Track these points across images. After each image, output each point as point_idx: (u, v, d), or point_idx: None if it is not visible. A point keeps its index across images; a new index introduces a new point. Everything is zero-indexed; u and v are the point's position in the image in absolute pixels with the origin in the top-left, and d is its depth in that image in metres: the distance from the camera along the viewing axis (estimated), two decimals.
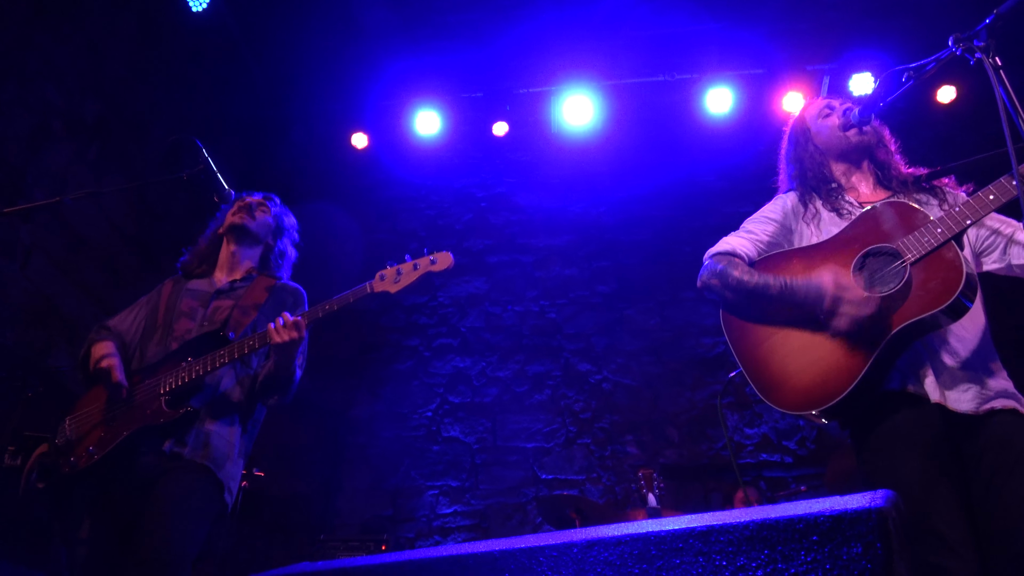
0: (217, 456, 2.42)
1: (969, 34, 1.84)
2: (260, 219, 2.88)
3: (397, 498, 5.72)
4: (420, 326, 6.38)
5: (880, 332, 1.91)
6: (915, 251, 1.93)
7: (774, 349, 2.12)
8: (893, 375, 1.96)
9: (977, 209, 1.90)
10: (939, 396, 1.89)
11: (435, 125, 6.21)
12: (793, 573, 0.74)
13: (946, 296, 1.82)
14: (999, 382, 1.96)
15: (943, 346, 1.96)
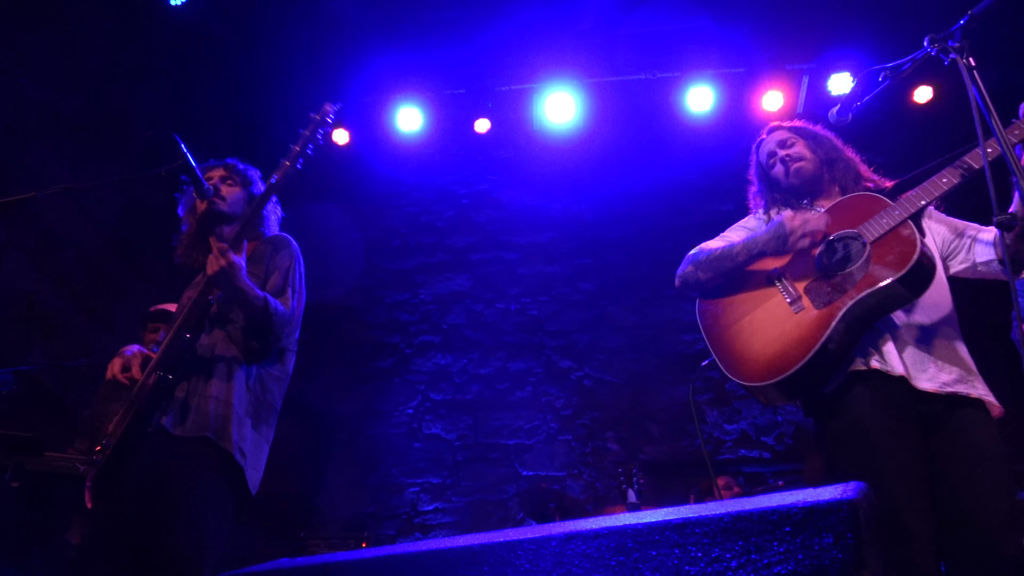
0: (214, 422, 2.31)
1: (944, 34, 1.87)
2: (231, 197, 2.83)
3: (379, 495, 5.71)
4: (402, 323, 6.37)
5: (839, 304, 1.99)
6: (875, 232, 2.03)
7: (741, 329, 2.22)
8: (858, 349, 2.01)
9: (931, 191, 1.99)
10: (903, 370, 1.94)
11: (417, 122, 6.19)
12: (766, 563, 0.76)
13: (901, 266, 1.90)
14: (962, 368, 2.01)
15: (907, 327, 2.03)
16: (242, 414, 2.40)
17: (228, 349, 2.46)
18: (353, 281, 6.53)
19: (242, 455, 2.35)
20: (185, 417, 2.31)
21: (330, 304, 6.32)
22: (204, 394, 2.36)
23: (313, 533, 5.22)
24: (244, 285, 2.35)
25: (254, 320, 2.40)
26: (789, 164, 2.42)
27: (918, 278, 1.94)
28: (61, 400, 4.73)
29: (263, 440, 2.49)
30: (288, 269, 2.63)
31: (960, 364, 2.02)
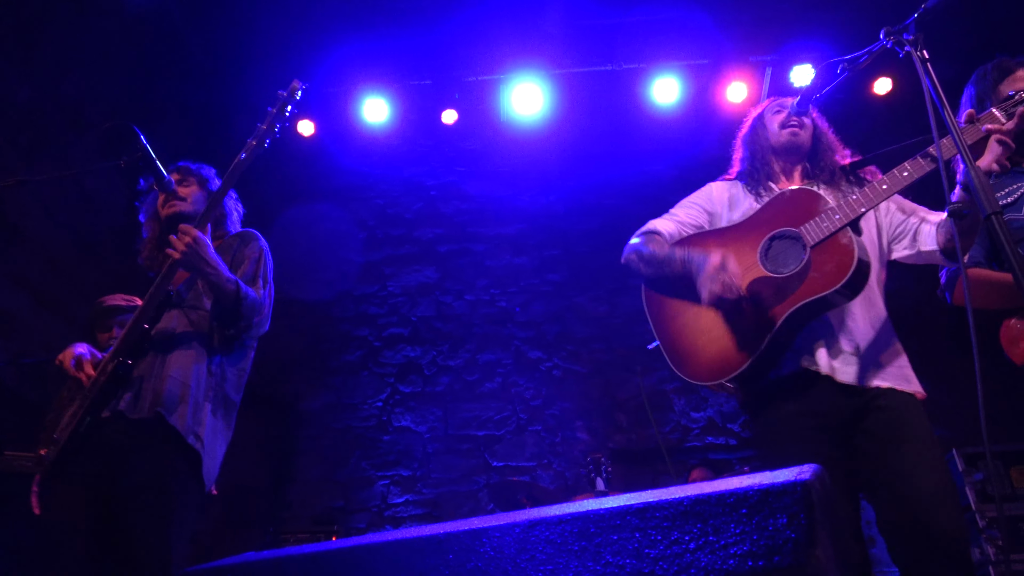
0: (168, 400, 2.27)
1: (899, 27, 1.91)
2: (190, 196, 2.78)
3: (348, 489, 5.69)
4: (370, 316, 6.34)
5: (779, 311, 2.03)
6: (814, 236, 2.06)
7: (686, 324, 2.25)
8: (790, 355, 2.09)
9: (872, 197, 2.02)
10: (829, 370, 2.03)
11: (383, 113, 6.14)
12: (723, 544, 0.78)
13: (839, 278, 1.96)
14: (891, 361, 2.10)
15: (837, 324, 2.10)
16: (200, 398, 2.36)
17: (188, 333, 2.43)
18: (320, 274, 6.48)
19: (198, 440, 2.30)
20: (140, 398, 2.28)
21: (297, 298, 6.26)
22: (161, 375, 2.32)
23: (283, 528, 5.19)
24: (214, 261, 2.32)
25: (224, 304, 2.36)
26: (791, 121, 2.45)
27: (855, 284, 2.00)
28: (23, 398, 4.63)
29: (220, 433, 2.44)
30: (258, 259, 2.60)
31: (887, 355, 2.10)
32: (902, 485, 1.92)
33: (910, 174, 2.00)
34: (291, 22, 5.78)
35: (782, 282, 2.07)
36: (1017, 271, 1.47)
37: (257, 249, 2.64)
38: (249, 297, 2.40)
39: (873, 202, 2.02)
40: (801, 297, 2.02)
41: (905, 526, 1.90)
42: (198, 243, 2.29)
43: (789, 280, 2.06)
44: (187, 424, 2.28)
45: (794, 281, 2.05)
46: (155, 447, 2.23)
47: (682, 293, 2.29)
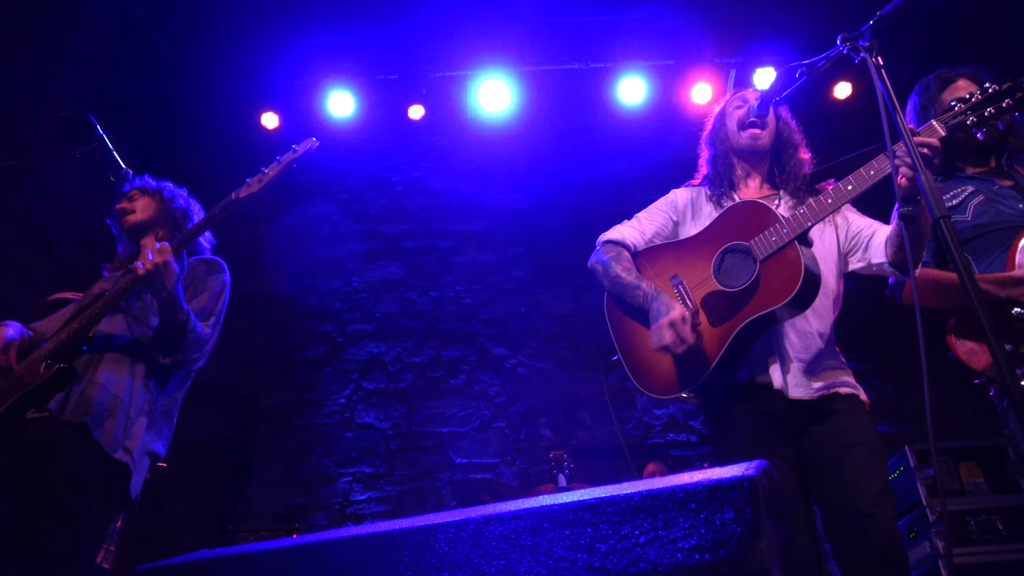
0: (96, 410, 2.21)
1: (855, 34, 1.95)
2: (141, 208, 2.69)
3: (310, 486, 5.64)
4: (334, 311, 6.28)
5: (731, 326, 2.08)
6: (764, 250, 2.09)
7: (645, 338, 2.26)
8: (744, 365, 2.15)
9: (818, 211, 2.06)
10: (781, 384, 2.09)
11: (349, 107, 6.08)
12: (672, 539, 0.79)
13: (786, 293, 2.00)
14: (834, 368, 2.17)
15: (789, 339, 2.16)
16: (133, 414, 2.31)
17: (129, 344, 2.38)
18: (283, 269, 6.40)
19: (127, 453, 2.25)
20: (69, 400, 2.22)
21: (259, 293, 6.18)
22: (92, 380, 2.27)
23: (242, 525, 5.12)
24: (174, 290, 2.26)
25: (170, 331, 2.31)
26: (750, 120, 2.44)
27: (804, 298, 2.05)
28: None
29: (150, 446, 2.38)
30: (219, 294, 2.55)
31: (832, 365, 2.18)
32: (848, 489, 2.00)
33: (854, 188, 2.05)
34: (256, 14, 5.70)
35: (734, 297, 2.11)
36: (962, 272, 1.52)
37: (220, 283, 2.59)
38: (196, 331, 2.35)
39: (819, 216, 2.06)
40: (751, 312, 2.06)
41: (848, 528, 1.98)
42: (168, 268, 2.24)
43: (740, 295, 2.10)
44: (114, 438, 2.23)
45: (745, 296, 2.09)
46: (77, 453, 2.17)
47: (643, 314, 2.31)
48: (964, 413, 4.97)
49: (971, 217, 2.39)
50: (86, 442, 2.19)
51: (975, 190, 2.43)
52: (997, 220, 2.35)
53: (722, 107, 2.61)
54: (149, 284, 2.26)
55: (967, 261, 1.52)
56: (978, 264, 2.37)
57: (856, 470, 2.01)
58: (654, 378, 2.25)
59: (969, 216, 2.39)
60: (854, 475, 2.01)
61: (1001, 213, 2.37)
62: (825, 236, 2.31)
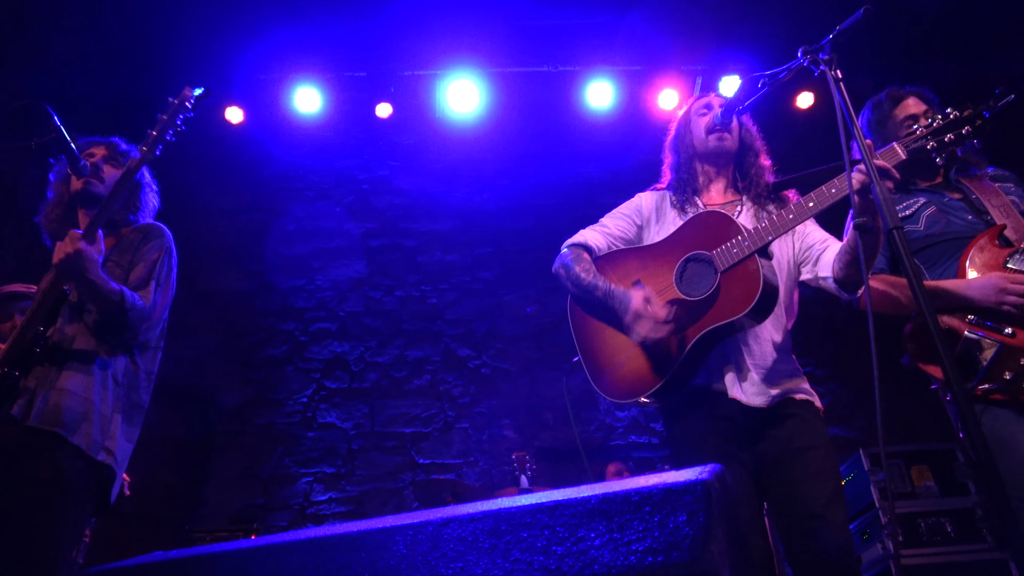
0: (68, 418, 2.13)
1: (815, 47, 1.99)
2: (110, 178, 2.60)
3: (270, 486, 5.57)
4: (297, 310, 6.21)
5: (690, 334, 2.12)
6: (725, 261, 2.13)
7: (605, 341, 2.31)
8: (702, 372, 2.19)
9: (779, 226, 2.11)
10: (737, 392, 2.14)
11: (315, 103, 6.03)
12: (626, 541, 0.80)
13: (745, 304, 2.04)
14: (791, 378, 2.21)
15: (746, 347, 2.20)
16: (108, 412, 2.24)
17: (89, 340, 2.29)
18: (245, 265, 6.31)
19: (109, 455, 2.19)
20: (31, 408, 2.13)
21: (220, 290, 6.09)
22: (55, 386, 2.18)
23: (199, 526, 5.04)
24: (95, 277, 2.17)
25: (107, 314, 2.24)
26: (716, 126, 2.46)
27: (762, 309, 2.10)
28: None
29: (128, 440, 2.33)
30: (155, 261, 2.44)
31: (788, 372, 2.22)
32: (800, 492, 2.05)
33: (816, 205, 2.10)
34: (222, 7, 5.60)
35: (694, 305, 2.15)
36: (913, 281, 1.56)
37: (157, 249, 2.48)
38: (136, 308, 2.27)
39: (780, 231, 2.10)
40: (710, 322, 2.10)
41: (800, 530, 2.02)
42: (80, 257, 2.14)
43: (700, 304, 2.14)
44: (94, 441, 2.15)
45: (705, 305, 2.13)
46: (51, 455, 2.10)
47: (604, 314, 2.34)
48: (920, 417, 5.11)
49: (923, 227, 2.46)
50: (64, 448, 2.11)
51: (927, 202, 2.51)
52: (948, 230, 2.43)
53: (686, 113, 2.64)
54: (68, 276, 2.19)
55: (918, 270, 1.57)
56: (931, 272, 2.44)
57: (809, 473, 2.06)
58: (613, 382, 2.27)
59: (922, 226, 2.47)
60: (807, 478, 2.05)
61: (952, 224, 2.44)
62: (782, 246, 2.36)
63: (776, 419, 2.14)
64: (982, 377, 2.16)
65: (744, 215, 2.38)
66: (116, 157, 2.66)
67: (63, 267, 2.15)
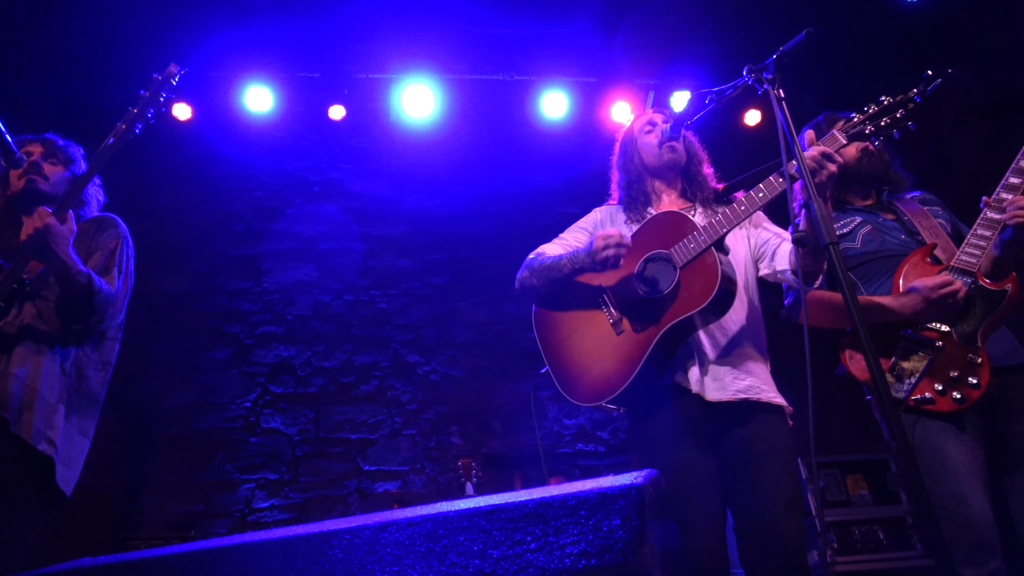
0: (12, 404, 2.09)
1: (760, 66, 2.06)
2: (53, 176, 2.54)
3: (210, 492, 5.43)
4: (242, 312, 6.08)
5: (653, 331, 2.15)
6: (683, 257, 2.18)
7: (571, 347, 2.34)
8: (668, 368, 2.22)
9: (732, 218, 2.17)
10: (699, 388, 2.17)
11: (267, 102, 5.92)
12: (561, 544, 0.81)
13: (705, 297, 2.09)
14: (755, 375, 2.25)
15: (710, 340, 2.24)
16: (52, 400, 2.18)
17: (39, 327, 2.24)
18: (191, 266, 6.15)
19: (50, 445, 2.13)
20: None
21: (163, 290, 5.92)
22: (5, 372, 2.13)
23: (134, 533, 4.89)
24: (64, 255, 2.14)
25: (74, 296, 2.19)
26: (669, 135, 2.53)
27: (722, 302, 2.14)
28: None
29: (79, 433, 2.27)
30: (113, 249, 2.43)
31: (753, 372, 2.25)
32: (759, 496, 2.08)
33: (765, 195, 2.16)
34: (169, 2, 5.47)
35: (656, 303, 2.18)
36: (847, 294, 1.62)
37: (114, 237, 2.48)
38: (103, 291, 2.25)
39: (733, 222, 2.16)
40: (672, 317, 2.13)
41: (756, 534, 2.06)
42: (50, 231, 2.11)
43: (662, 301, 2.17)
44: (35, 429, 2.10)
45: (666, 301, 2.16)
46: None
47: (569, 308, 2.36)
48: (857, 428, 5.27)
49: (860, 245, 2.56)
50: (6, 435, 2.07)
51: (863, 220, 2.62)
52: (883, 249, 2.54)
53: (629, 131, 2.71)
54: (34, 251, 2.14)
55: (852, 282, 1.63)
56: (866, 288, 2.54)
57: (769, 478, 2.10)
58: (582, 387, 2.28)
59: (858, 244, 2.57)
60: (766, 483, 2.09)
61: (886, 242, 2.55)
62: (739, 243, 2.42)
63: (740, 419, 2.17)
64: (914, 389, 2.24)
65: (698, 216, 2.45)
66: (55, 154, 2.61)
67: (32, 242, 2.11)
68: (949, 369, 2.23)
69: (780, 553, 2.02)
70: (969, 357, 2.22)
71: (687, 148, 2.60)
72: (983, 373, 2.21)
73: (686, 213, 2.40)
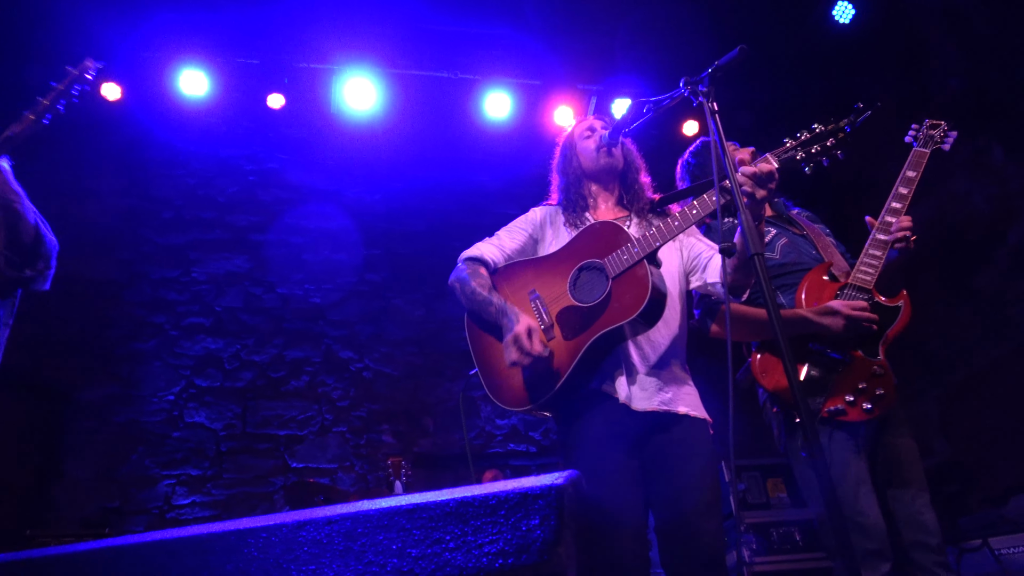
0: None
1: (696, 79, 2.11)
2: None
3: (127, 488, 5.23)
4: (168, 302, 5.87)
5: (582, 339, 2.18)
6: (616, 268, 2.21)
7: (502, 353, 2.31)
8: (596, 376, 2.26)
9: (665, 233, 2.21)
10: (625, 396, 2.21)
11: (203, 87, 5.74)
12: (480, 544, 0.81)
13: (635, 308, 2.12)
14: (680, 386, 2.31)
15: (638, 351, 2.29)
16: None
17: None
18: (115, 253, 5.91)
19: None
20: None
21: (85, 276, 5.67)
22: None
23: (44, 531, 4.65)
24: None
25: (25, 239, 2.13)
26: (607, 141, 2.56)
27: (651, 314, 2.18)
28: None
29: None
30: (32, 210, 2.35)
31: (677, 383, 2.31)
32: (680, 500, 2.14)
33: (698, 212, 2.21)
34: None
35: (586, 311, 2.21)
36: (770, 304, 1.68)
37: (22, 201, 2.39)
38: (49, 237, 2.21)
39: (667, 237, 2.20)
40: (602, 326, 2.15)
41: (677, 537, 2.11)
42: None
43: (593, 310, 2.20)
44: None
45: (597, 311, 2.19)
46: None
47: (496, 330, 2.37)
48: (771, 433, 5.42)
49: (779, 256, 2.67)
50: None
51: (779, 233, 2.72)
52: (799, 261, 2.66)
53: (569, 136, 2.75)
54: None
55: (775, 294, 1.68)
56: (787, 298, 2.63)
57: (689, 481, 2.15)
58: (510, 392, 2.29)
59: (777, 255, 2.67)
60: (686, 485, 2.15)
61: (801, 256, 2.68)
62: (671, 256, 2.47)
63: (663, 427, 2.22)
64: (827, 400, 2.33)
65: (633, 227, 2.49)
66: None
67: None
68: (856, 381, 2.33)
69: (699, 554, 2.08)
70: (873, 369, 2.33)
71: (624, 155, 2.64)
72: (888, 383, 2.32)
73: (622, 223, 2.44)
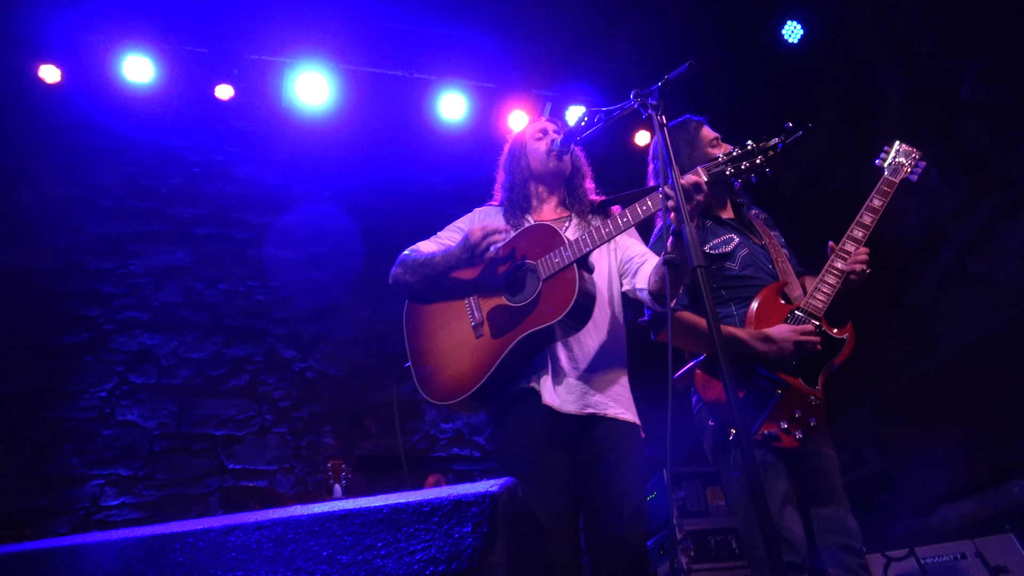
0: None
1: (646, 91, 2.14)
2: None
3: (53, 488, 5.01)
4: (103, 295, 5.66)
5: (510, 337, 2.21)
6: (547, 270, 2.25)
7: (433, 346, 2.37)
8: (524, 375, 2.28)
9: (596, 239, 2.25)
10: (551, 398, 2.23)
11: (148, 73, 5.55)
12: (411, 551, 0.81)
13: (561, 310, 2.16)
14: (609, 389, 2.33)
15: (567, 353, 2.32)
16: None
17: None
18: (47, 241, 5.67)
19: None
20: None
21: (13, 264, 5.44)
22: None
23: None
24: None
25: None
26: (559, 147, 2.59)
27: (578, 316, 2.21)
28: None
29: None
30: None
31: (607, 386, 2.33)
32: (607, 506, 2.16)
33: (628, 220, 2.25)
34: None
35: (517, 311, 2.24)
36: (711, 320, 1.70)
37: None
38: None
39: (598, 243, 2.23)
40: (530, 326, 2.19)
41: (603, 542, 2.13)
42: None
43: (523, 309, 2.24)
44: None
45: (527, 310, 2.23)
46: None
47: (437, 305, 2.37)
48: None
49: (739, 267, 2.67)
50: None
51: (740, 242, 2.71)
52: (757, 275, 2.67)
53: (521, 136, 2.78)
54: None
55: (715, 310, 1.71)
56: (737, 310, 2.65)
57: (616, 488, 2.17)
58: (436, 384, 2.31)
59: (737, 266, 2.67)
60: (615, 491, 2.17)
61: (759, 270, 2.68)
62: (605, 259, 2.51)
63: (591, 430, 2.23)
64: (761, 423, 2.37)
65: (572, 229, 2.53)
66: None
67: None
68: (793, 409, 2.37)
69: (626, 562, 2.10)
70: (811, 399, 2.38)
71: (573, 161, 2.69)
72: (820, 415, 2.37)
73: (560, 224, 2.47)
